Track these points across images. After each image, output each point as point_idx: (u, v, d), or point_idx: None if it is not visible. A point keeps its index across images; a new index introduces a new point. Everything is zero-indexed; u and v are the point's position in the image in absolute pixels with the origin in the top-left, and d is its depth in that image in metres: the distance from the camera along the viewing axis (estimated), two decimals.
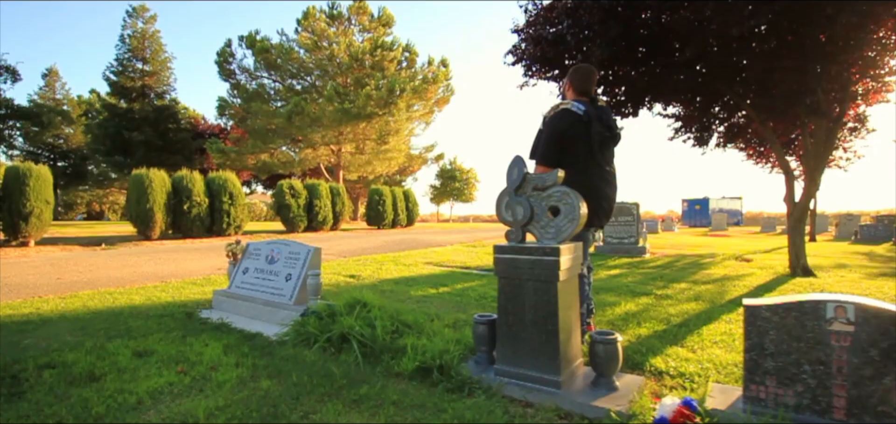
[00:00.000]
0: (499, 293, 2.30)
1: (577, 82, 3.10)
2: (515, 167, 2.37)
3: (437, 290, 4.66)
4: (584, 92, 3.05)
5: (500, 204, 2.41)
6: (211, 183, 13.75)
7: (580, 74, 3.11)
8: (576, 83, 3.09)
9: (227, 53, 26.94)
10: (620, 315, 3.72)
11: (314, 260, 3.37)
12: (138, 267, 6.73)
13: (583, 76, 3.10)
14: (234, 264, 3.83)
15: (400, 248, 10.49)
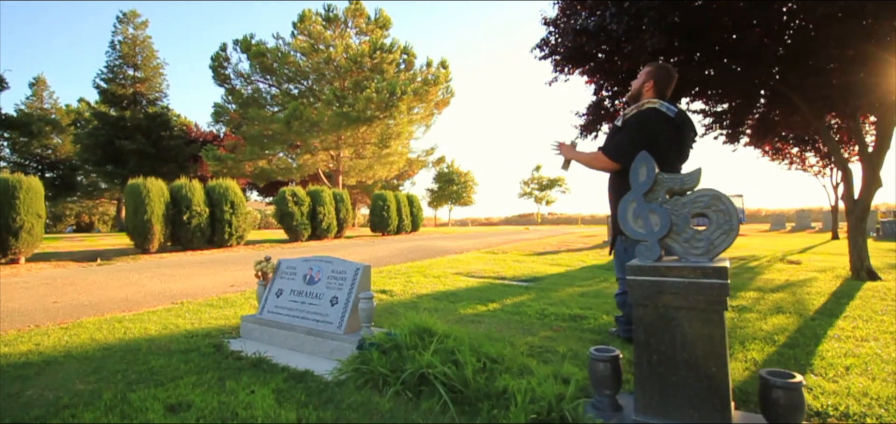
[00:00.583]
0: (636, 324, 1.82)
1: (661, 82, 2.83)
2: (643, 165, 1.90)
3: (487, 307, 4.17)
4: (663, 94, 2.80)
5: (626, 211, 1.93)
6: (211, 191, 13.18)
7: (664, 74, 2.85)
8: (659, 83, 2.83)
9: (221, 58, 26.31)
10: None
11: (364, 281, 2.87)
12: (142, 285, 6.18)
13: (666, 77, 2.85)
14: (263, 284, 3.32)
15: (416, 256, 9.99)
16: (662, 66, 2.88)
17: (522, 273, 6.66)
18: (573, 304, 4.25)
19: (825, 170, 16.83)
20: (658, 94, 2.81)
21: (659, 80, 2.82)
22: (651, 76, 2.85)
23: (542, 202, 57.58)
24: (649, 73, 2.86)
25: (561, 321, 3.66)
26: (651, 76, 2.85)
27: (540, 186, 57.10)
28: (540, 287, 5.35)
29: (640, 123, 2.73)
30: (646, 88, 2.85)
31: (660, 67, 2.87)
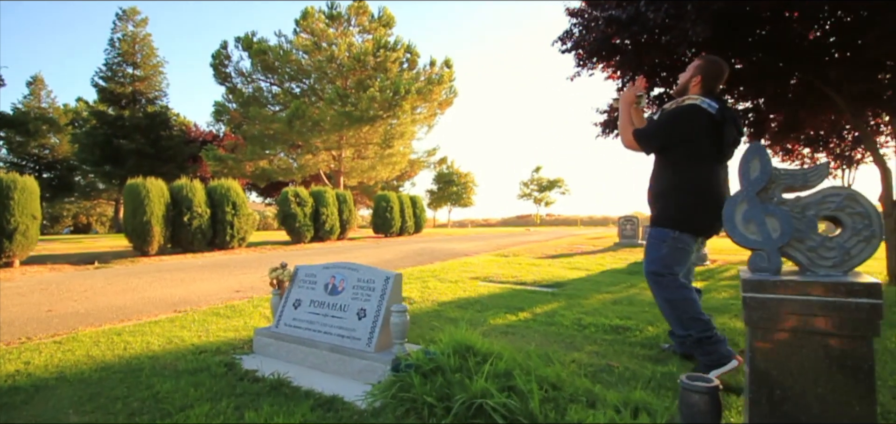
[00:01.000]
0: (750, 351, 1.49)
1: (710, 77, 2.63)
2: (756, 158, 1.57)
3: (517, 317, 3.85)
4: (711, 90, 2.65)
5: (734, 214, 1.60)
6: (212, 192, 12.83)
7: (714, 69, 2.66)
8: (707, 77, 2.63)
9: (222, 56, 25.93)
10: None
11: (396, 291, 2.55)
12: (142, 290, 5.84)
13: (716, 72, 2.66)
14: (278, 294, 2.99)
15: (425, 259, 9.66)
16: (712, 60, 2.67)
17: (543, 277, 6.34)
18: (609, 313, 3.93)
19: (837, 172, 16.60)
20: (705, 90, 2.62)
21: (707, 75, 2.63)
22: (699, 70, 2.65)
23: (542, 203, 57.58)
24: (697, 68, 2.67)
25: (602, 333, 3.34)
26: (699, 70, 2.65)
27: (539, 187, 57.13)
28: (566, 293, 5.03)
29: (674, 117, 2.61)
30: (693, 83, 2.66)
31: (709, 61, 2.67)
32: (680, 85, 2.77)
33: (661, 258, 2.58)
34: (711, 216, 2.51)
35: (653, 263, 2.62)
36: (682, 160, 2.55)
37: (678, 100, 2.63)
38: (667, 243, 2.56)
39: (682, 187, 2.55)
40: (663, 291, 2.60)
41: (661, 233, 2.59)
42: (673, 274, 2.57)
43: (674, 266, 2.57)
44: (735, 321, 3.69)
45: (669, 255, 2.57)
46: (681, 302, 2.54)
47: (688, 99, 2.57)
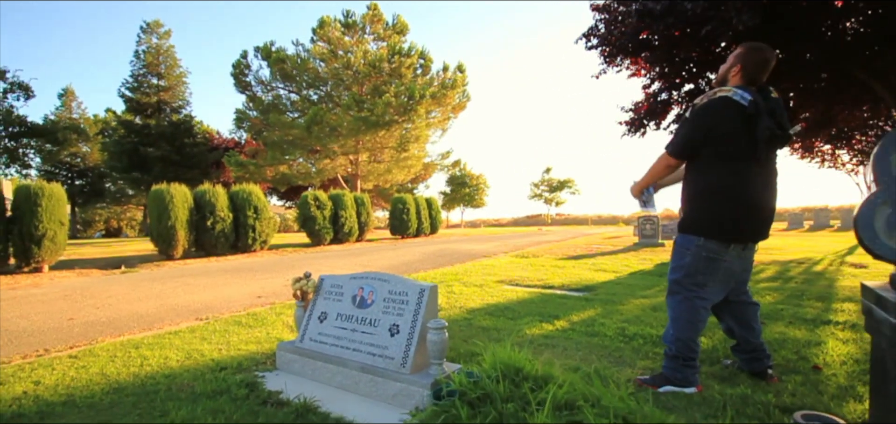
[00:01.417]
0: None
1: (752, 66, 2.33)
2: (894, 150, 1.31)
3: (554, 326, 3.59)
4: (754, 81, 2.33)
5: (874, 219, 1.34)
6: (234, 196, 12.86)
7: (758, 57, 2.33)
8: (749, 66, 2.34)
9: (242, 65, 26.26)
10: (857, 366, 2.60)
11: (431, 305, 2.33)
12: (165, 296, 5.76)
13: (760, 61, 2.33)
14: (303, 306, 2.81)
15: (445, 261, 9.45)
16: (755, 47, 2.34)
17: (570, 281, 6.06)
18: (653, 322, 3.64)
19: (859, 168, 15.91)
20: (748, 81, 2.30)
21: (749, 64, 2.32)
22: (739, 59, 2.34)
23: (552, 203, 57.87)
24: (738, 56, 2.36)
25: (651, 345, 3.07)
26: (739, 59, 2.34)
27: (550, 187, 57.62)
28: (599, 298, 4.75)
29: (697, 115, 2.32)
30: (732, 73, 2.36)
31: (751, 48, 2.34)
32: (719, 76, 2.49)
33: (683, 266, 2.35)
34: (747, 222, 2.27)
35: (675, 271, 2.42)
36: (709, 159, 2.28)
37: (710, 93, 2.33)
38: (690, 251, 2.32)
39: (709, 190, 2.28)
40: (673, 301, 2.40)
41: (686, 241, 2.36)
42: (697, 286, 2.32)
43: (698, 276, 2.31)
44: (792, 329, 3.37)
45: (693, 264, 2.31)
46: (684, 321, 2.32)
47: (720, 90, 2.28)
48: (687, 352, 2.29)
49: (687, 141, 2.35)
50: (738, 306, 2.48)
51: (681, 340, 2.30)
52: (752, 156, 2.23)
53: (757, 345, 2.48)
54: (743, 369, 2.53)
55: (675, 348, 2.31)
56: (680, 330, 2.32)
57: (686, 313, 2.32)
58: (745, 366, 2.51)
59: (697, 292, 2.33)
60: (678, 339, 2.31)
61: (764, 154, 2.26)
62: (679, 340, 2.31)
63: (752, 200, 2.24)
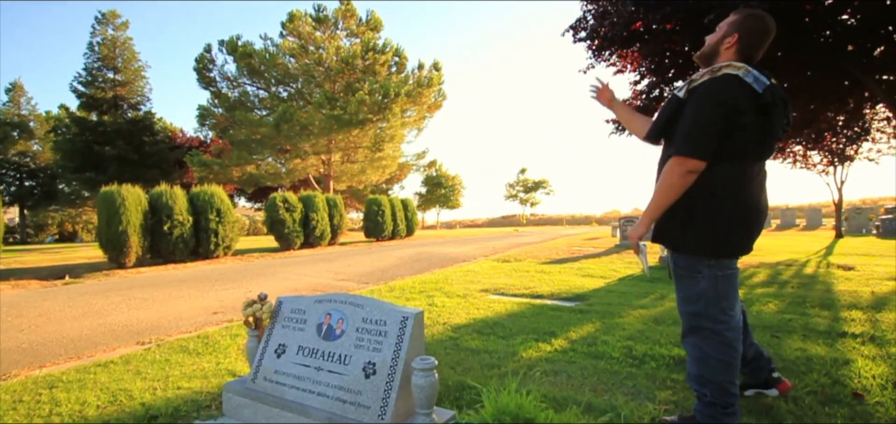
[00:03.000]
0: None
1: (749, 37, 1.87)
2: None
3: (552, 346, 3.17)
4: (750, 57, 1.87)
5: None
6: (195, 198, 12.02)
7: (757, 27, 1.87)
8: (746, 38, 1.87)
9: (206, 60, 25.08)
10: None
11: (417, 336, 1.86)
12: (106, 313, 5.08)
13: (760, 31, 1.87)
14: (256, 335, 2.29)
15: (423, 266, 8.97)
16: (756, 15, 1.89)
17: (559, 288, 5.68)
18: (660, 338, 3.27)
19: (829, 168, 16.34)
20: (743, 56, 1.86)
21: (746, 35, 1.86)
22: (736, 28, 1.88)
23: (528, 204, 58.73)
24: (734, 24, 1.90)
25: (666, 369, 2.69)
26: (736, 28, 1.88)
27: (525, 188, 58.45)
28: (595, 310, 4.37)
29: (709, 97, 1.77)
30: (725, 45, 1.90)
31: (752, 16, 1.89)
32: (706, 48, 1.99)
33: (700, 295, 1.86)
34: (756, 231, 1.87)
35: (689, 302, 1.90)
36: (718, 156, 1.79)
37: (711, 70, 1.83)
38: (704, 276, 1.85)
39: (718, 195, 1.81)
40: (695, 339, 1.90)
41: (694, 264, 1.87)
42: (723, 314, 1.85)
43: (722, 301, 1.85)
44: (811, 345, 3.06)
45: (711, 290, 1.84)
46: (715, 362, 1.84)
47: (723, 68, 1.80)
48: (725, 398, 1.84)
49: (704, 130, 1.76)
50: None
51: (714, 383, 1.85)
52: (762, 155, 1.85)
53: (756, 353, 2.16)
54: (748, 383, 2.20)
55: (711, 394, 1.85)
56: (713, 372, 1.85)
57: (716, 351, 1.85)
58: (751, 379, 2.19)
59: (725, 321, 1.86)
60: (710, 382, 1.86)
61: (770, 152, 1.88)
62: (711, 383, 1.85)
63: (759, 206, 1.85)
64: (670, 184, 1.83)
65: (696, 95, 1.82)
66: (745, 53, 1.88)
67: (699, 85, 1.84)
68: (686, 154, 1.78)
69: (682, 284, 1.92)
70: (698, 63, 2.07)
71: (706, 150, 1.77)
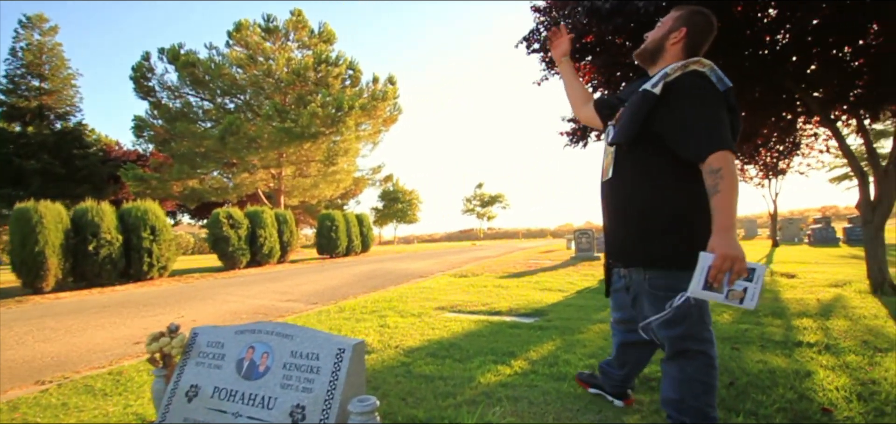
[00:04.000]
0: None
1: (698, 34, 1.79)
2: None
3: (512, 369, 2.94)
4: (695, 54, 1.79)
5: None
6: (126, 215, 11.04)
7: (706, 23, 1.79)
8: (694, 35, 1.78)
9: (144, 68, 23.56)
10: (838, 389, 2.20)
11: (355, 371, 1.57)
12: (6, 346, 4.39)
13: (708, 28, 1.80)
14: (164, 375, 1.91)
15: (378, 283, 8.59)
16: (702, 11, 1.80)
17: (518, 304, 5.52)
18: None
19: (764, 181, 17.46)
20: (689, 52, 1.78)
21: (693, 30, 1.78)
22: (683, 22, 1.79)
23: (484, 218, 59.59)
24: (680, 18, 1.80)
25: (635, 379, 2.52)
26: (683, 22, 1.79)
27: (482, 203, 59.34)
28: (554, 325, 4.21)
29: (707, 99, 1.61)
30: (671, 40, 1.80)
31: (698, 12, 1.80)
32: (649, 44, 1.88)
33: (685, 316, 1.67)
34: None
35: (672, 326, 1.69)
36: (677, 161, 1.66)
37: (683, 66, 1.67)
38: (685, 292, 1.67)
39: (700, 200, 1.63)
40: (681, 364, 1.74)
41: (674, 282, 1.64)
42: (707, 331, 1.72)
43: (705, 317, 1.72)
44: (771, 356, 3.00)
45: (695, 306, 1.66)
46: (700, 384, 1.70)
47: (692, 64, 1.66)
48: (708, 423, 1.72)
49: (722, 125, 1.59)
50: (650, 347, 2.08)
51: (695, 408, 1.70)
52: None
53: (632, 376, 2.26)
54: (604, 390, 2.37)
55: (691, 420, 1.71)
56: (695, 396, 1.70)
57: (702, 373, 1.70)
58: (608, 388, 2.33)
59: (710, 339, 1.72)
60: (690, 408, 1.70)
61: None
62: (692, 409, 1.70)
63: None
64: (735, 180, 1.54)
65: (689, 96, 1.62)
66: (692, 50, 1.79)
67: (677, 81, 1.65)
68: (724, 147, 1.55)
69: (662, 307, 1.69)
70: (639, 61, 1.95)
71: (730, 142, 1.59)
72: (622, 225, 1.81)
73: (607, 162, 1.90)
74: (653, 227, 1.70)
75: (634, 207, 1.75)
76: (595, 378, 2.44)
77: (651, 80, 1.77)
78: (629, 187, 1.77)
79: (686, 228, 1.67)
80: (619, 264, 1.91)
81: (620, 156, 1.82)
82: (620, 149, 1.83)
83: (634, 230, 1.75)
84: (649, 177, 1.72)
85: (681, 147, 1.64)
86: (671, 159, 1.67)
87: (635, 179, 1.75)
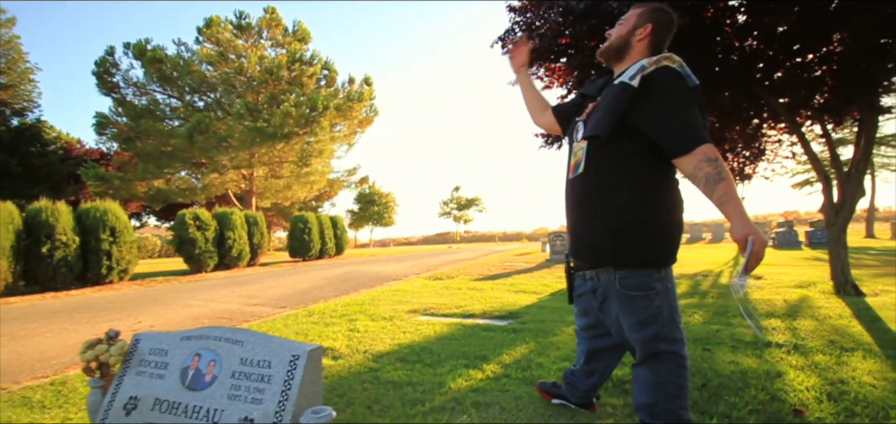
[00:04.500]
0: None
1: (662, 31, 1.77)
2: None
3: (484, 373, 2.85)
4: (660, 50, 1.76)
5: None
6: (84, 216, 10.50)
7: (668, 20, 1.78)
8: (659, 32, 1.76)
9: (108, 63, 22.59)
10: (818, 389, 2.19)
11: (310, 382, 1.44)
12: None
13: (670, 25, 1.79)
14: (101, 386, 1.73)
15: (350, 286, 8.39)
16: (663, 8, 1.79)
17: (492, 306, 5.44)
18: None
19: None
20: (654, 49, 1.76)
21: (658, 26, 1.75)
22: (647, 17, 1.76)
23: (461, 221, 59.81)
24: (644, 14, 1.77)
25: (604, 392, 2.46)
26: (647, 17, 1.76)
27: (459, 206, 59.51)
28: (528, 328, 4.14)
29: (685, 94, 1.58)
30: (637, 36, 1.76)
31: (660, 8, 1.78)
32: (616, 41, 1.82)
33: (658, 318, 1.63)
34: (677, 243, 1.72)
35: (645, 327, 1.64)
36: (652, 157, 1.62)
37: (655, 61, 1.62)
38: (657, 292, 1.63)
39: (671, 196, 1.67)
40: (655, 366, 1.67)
41: (645, 281, 1.63)
42: (679, 331, 1.67)
43: (675, 315, 1.67)
44: (741, 356, 3.00)
45: (666, 305, 1.64)
46: (674, 386, 1.65)
47: (663, 60, 1.61)
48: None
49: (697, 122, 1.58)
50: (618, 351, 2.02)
51: (668, 411, 1.65)
52: None
53: (599, 385, 2.16)
54: (568, 400, 2.25)
55: (666, 422, 1.65)
56: (668, 399, 1.64)
57: (675, 375, 1.65)
58: (573, 398, 2.22)
59: (682, 339, 1.68)
60: (664, 411, 1.65)
61: None
62: (665, 412, 1.65)
63: (681, 218, 1.72)
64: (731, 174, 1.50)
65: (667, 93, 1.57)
66: (656, 47, 1.76)
67: (653, 77, 1.59)
68: (709, 139, 1.53)
69: (634, 307, 1.65)
70: (604, 59, 1.90)
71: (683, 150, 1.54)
72: (592, 222, 1.73)
73: (577, 158, 1.83)
74: (625, 224, 1.64)
75: (608, 202, 1.67)
76: (558, 388, 2.32)
77: (627, 73, 1.70)
78: (603, 182, 1.70)
79: (657, 225, 1.64)
80: (586, 265, 1.83)
81: (594, 151, 1.75)
82: (596, 142, 1.75)
83: (606, 227, 1.68)
84: (623, 172, 1.66)
85: (665, 139, 1.57)
86: (645, 154, 1.62)
87: (609, 174, 1.69)
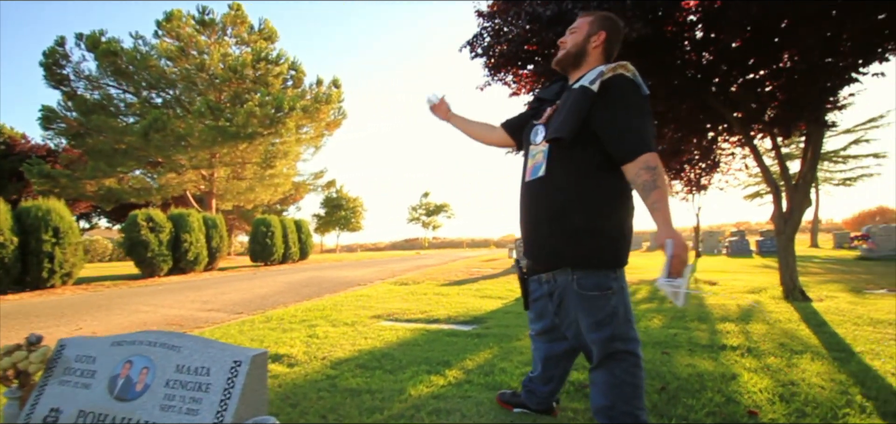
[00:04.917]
0: None
1: (615, 38, 1.84)
2: None
3: (444, 379, 2.78)
4: (611, 56, 1.86)
5: None
6: (24, 215, 9.79)
7: (618, 28, 1.85)
8: (612, 38, 1.83)
9: (57, 54, 21.33)
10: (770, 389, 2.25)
11: (254, 390, 1.33)
12: None
13: (619, 31, 1.86)
14: (19, 396, 1.56)
15: (312, 292, 8.16)
16: (611, 16, 1.86)
17: (457, 311, 5.39)
18: None
19: (689, 196, 18.82)
20: (607, 56, 1.83)
21: (611, 36, 1.82)
22: (600, 25, 1.81)
23: (430, 227, 59.93)
24: (596, 22, 1.83)
25: (567, 398, 2.45)
26: (600, 25, 1.81)
27: (427, 212, 59.55)
28: (492, 333, 4.11)
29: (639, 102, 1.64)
30: (593, 44, 1.81)
31: (609, 16, 1.85)
32: (572, 48, 1.83)
33: (615, 318, 1.65)
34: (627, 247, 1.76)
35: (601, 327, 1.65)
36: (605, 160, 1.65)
37: (613, 68, 1.65)
38: (613, 291, 1.66)
39: (625, 198, 1.71)
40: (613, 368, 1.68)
41: (602, 281, 1.65)
42: (634, 331, 1.71)
43: (630, 315, 1.71)
44: (698, 359, 3.06)
45: (621, 305, 1.67)
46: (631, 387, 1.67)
47: (619, 68, 1.65)
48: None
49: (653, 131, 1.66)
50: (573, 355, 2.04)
51: (626, 412, 1.66)
52: None
53: (558, 390, 2.17)
54: (529, 408, 2.23)
55: (624, 422, 1.66)
56: (626, 400, 1.66)
57: (631, 375, 1.67)
58: (533, 405, 2.21)
59: (637, 339, 1.70)
60: (622, 413, 1.66)
61: None
62: (623, 413, 1.66)
63: None
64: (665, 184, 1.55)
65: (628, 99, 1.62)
66: (608, 54, 1.82)
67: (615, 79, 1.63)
68: (654, 149, 1.58)
69: (592, 307, 1.66)
70: (561, 67, 1.92)
71: None
72: (552, 225, 1.72)
73: (535, 161, 1.83)
74: (586, 227, 1.66)
75: (569, 205, 1.68)
76: (518, 397, 2.29)
77: (586, 78, 1.73)
78: (563, 184, 1.72)
79: (615, 228, 1.67)
80: (542, 268, 1.83)
81: (556, 153, 1.75)
82: (558, 145, 1.74)
83: (565, 228, 1.68)
84: (583, 176, 1.69)
85: (614, 144, 1.62)
86: (603, 159, 1.66)
87: (570, 177, 1.71)
